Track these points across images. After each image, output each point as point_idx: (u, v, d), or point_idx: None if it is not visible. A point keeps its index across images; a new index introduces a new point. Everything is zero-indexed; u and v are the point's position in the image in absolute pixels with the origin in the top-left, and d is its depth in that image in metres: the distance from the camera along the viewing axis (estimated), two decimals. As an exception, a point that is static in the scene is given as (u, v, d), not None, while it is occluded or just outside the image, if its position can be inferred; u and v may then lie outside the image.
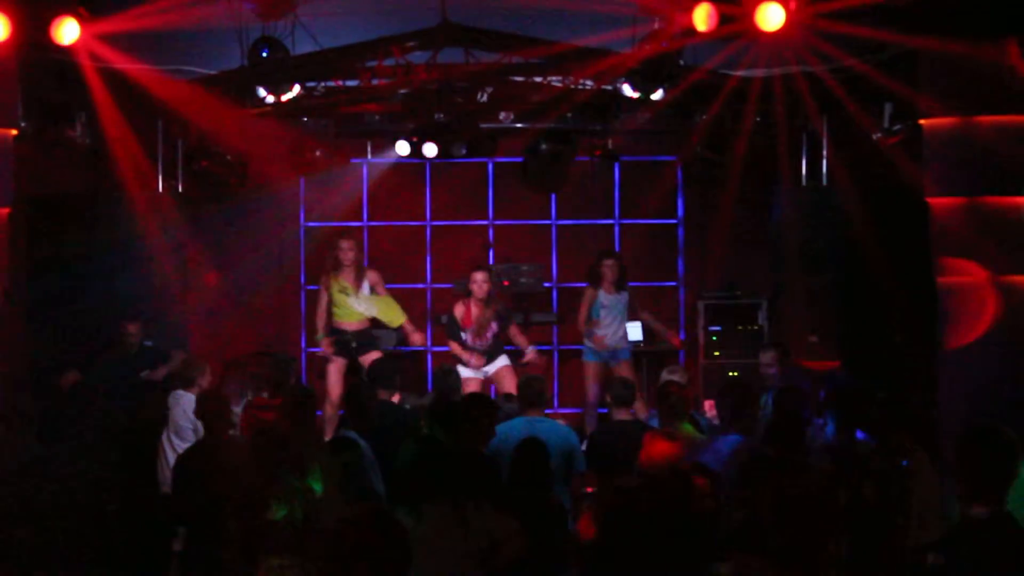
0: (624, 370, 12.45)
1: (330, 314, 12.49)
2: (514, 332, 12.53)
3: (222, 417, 8.50)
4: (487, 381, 12.46)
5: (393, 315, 12.58)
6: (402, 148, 12.56)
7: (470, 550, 6.25)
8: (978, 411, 9.08)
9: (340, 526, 4.38)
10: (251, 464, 7.44)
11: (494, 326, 12.30)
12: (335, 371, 12.41)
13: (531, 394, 8.95)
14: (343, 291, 12.41)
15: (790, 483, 5.03)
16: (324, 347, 12.49)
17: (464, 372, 12.11)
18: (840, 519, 5.28)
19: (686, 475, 6.38)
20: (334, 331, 12.45)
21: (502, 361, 12.41)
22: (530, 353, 12.44)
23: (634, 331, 13.14)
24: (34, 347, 11.24)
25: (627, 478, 6.35)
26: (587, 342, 12.68)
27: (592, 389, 12.50)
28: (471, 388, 11.85)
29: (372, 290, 12.52)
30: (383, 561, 4.31)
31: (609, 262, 12.78)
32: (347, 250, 12.48)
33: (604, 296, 12.67)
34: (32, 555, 6.14)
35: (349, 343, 12.40)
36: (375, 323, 12.65)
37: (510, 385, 12.04)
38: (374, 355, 12.35)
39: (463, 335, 12.30)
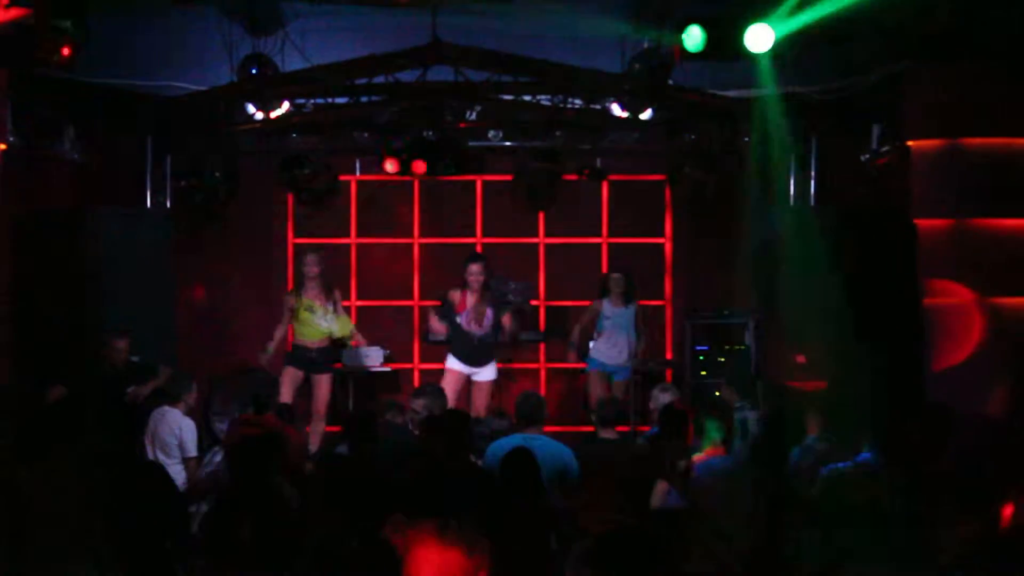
0: (621, 389, 12.44)
1: (290, 329, 12.40)
2: (506, 319, 12.40)
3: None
4: (469, 385, 12.35)
5: (346, 331, 12.50)
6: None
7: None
8: (963, 430, 9.09)
9: None
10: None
11: (490, 313, 12.19)
12: (288, 381, 12.22)
13: (528, 410, 8.88)
14: (309, 308, 12.23)
15: None
16: (264, 361, 12.23)
17: (450, 363, 12.14)
18: None
19: None
20: (295, 348, 12.33)
21: (488, 374, 12.25)
22: (506, 326, 12.31)
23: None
24: (19, 362, 11.21)
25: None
26: (591, 351, 12.71)
27: (595, 396, 12.39)
28: (451, 383, 11.85)
29: (335, 309, 12.38)
30: None
31: (616, 276, 12.82)
32: (311, 264, 12.26)
33: (608, 307, 12.69)
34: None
35: (309, 359, 12.28)
36: (334, 342, 12.53)
37: (482, 405, 12.08)
38: (326, 378, 12.33)
39: (457, 318, 12.20)
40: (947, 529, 6.12)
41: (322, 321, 12.25)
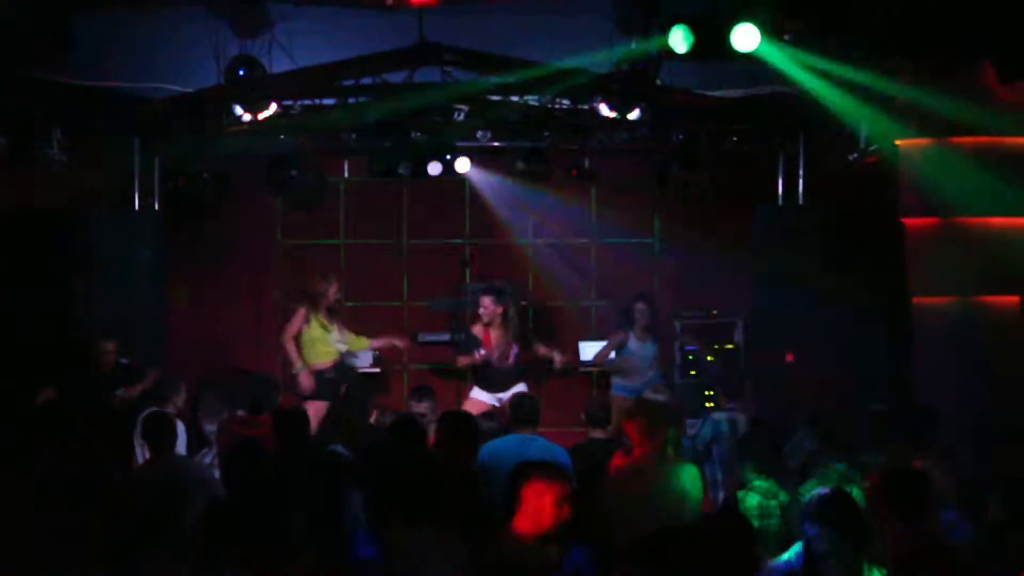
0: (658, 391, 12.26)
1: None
2: (538, 349, 12.39)
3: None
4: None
5: (358, 344, 12.46)
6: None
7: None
8: (952, 427, 9.11)
9: None
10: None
11: (515, 348, 12.18)
12: (314, 415, 12.02)
13: (523, 412, 8.83)
14: (324, 327, 12.14)
15: None
16: (304, 381, 11.95)
17: (477, 395, 12.07)
18: None
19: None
20: (316, 376, 12.16)
21: (518, 388, 11.94)
22: (557, 359, 12.34)
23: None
24: (7, 364, 11.20)
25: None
26: (615, 378, 12.65)
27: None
28: (474, 408, 11.63)
29: (339, 327, 12.30)
30: None
31: (641, 307, 12.54)
32: (332, 295, 12.09)
33: (634, 342, 12.56)
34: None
35: (333, 382, 12.14)
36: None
37: None
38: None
39: (483, 351, 12.07)
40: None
41: (337, 343, 12.15)
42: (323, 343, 12.08)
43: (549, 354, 12.39)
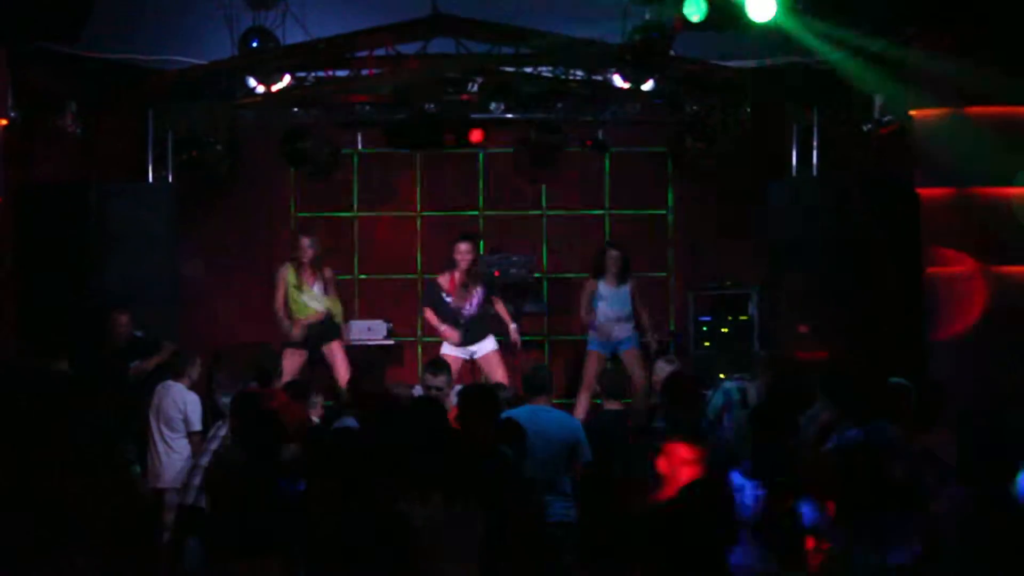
0: (631, 359, 12.31)
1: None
2: (497, 302, 12.37)
3: None
4: (471, 364, 12.34)
5: (336, 311, 12.50)
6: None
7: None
8: (967, 399, 9.11)
9: None
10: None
11: (479, 292, 12.17)
12: (293, 362, 12.17)
13: (537, 382, 8.81)
14: (297, 287, 12.26)
15: None
16: (295, 333, 12.20)
17: (446, 350, 12.06)
18: None
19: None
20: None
21: (489, 345, 12.20)
22: (513, 333, 12.35)
23: None
24: (22, 337, 11.23)
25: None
26: (590, 332, 12.60)
27: (589, 376, 12.36)
28: (451, 367, 11.79)
29: (325, 289, 12.39)
30: None
31: (614, 254, 12.49)
32: (307, 248, 12.27)
33: (604, 288, 12.52)
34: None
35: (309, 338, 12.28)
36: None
37: (500, 373, 11.98)
38: (336, 346, 12.31)
39: (447, 298, 12.16)
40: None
41: (310, 301, 12.24)
42: (295, 302, 12.27)
43: (505, 317, 12.39)
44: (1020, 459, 6.35)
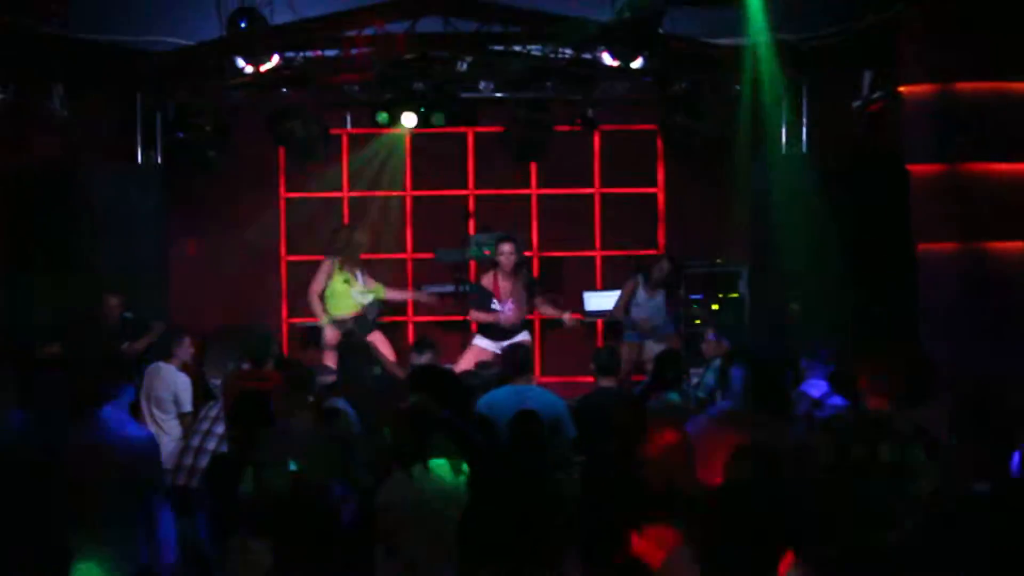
0: (672, 342, 12.27)
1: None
2: (540, 303, 12.46)
3: None
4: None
5: (381, 293, 12.53)
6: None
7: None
8: (957, 375, 9.12)
9: None
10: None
11: (522, 293, 12.18)
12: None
13: (515, 361, 8.90)
14: (347, 282, 12.26)
15: None
16: (330, 334, 12.18)
17: (481, 343, 12.09)
18: None
19: None
20: (333, 322, 12.30)
21: (522, 336, 12.13)
22: (568, 319, 12.35)
23: None
24: (12, 318, 11.21)
25: None
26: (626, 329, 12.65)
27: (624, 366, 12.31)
28: (476, 355, 11.73)
29: (363, 279, 12.39)
30: None
31: (665, 265, 12.67)
32: (359, 245, 12.42)
33: (641, 294, 12.55)
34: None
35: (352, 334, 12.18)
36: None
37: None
38: (377, 336, 12.24)
39: (494, 304, 12.17)
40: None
41: (358, 295, 12.23)
42: (345, 296, 12.20)
43: (558, 316, 12.42)
44: (1015, 437, 6.35)
